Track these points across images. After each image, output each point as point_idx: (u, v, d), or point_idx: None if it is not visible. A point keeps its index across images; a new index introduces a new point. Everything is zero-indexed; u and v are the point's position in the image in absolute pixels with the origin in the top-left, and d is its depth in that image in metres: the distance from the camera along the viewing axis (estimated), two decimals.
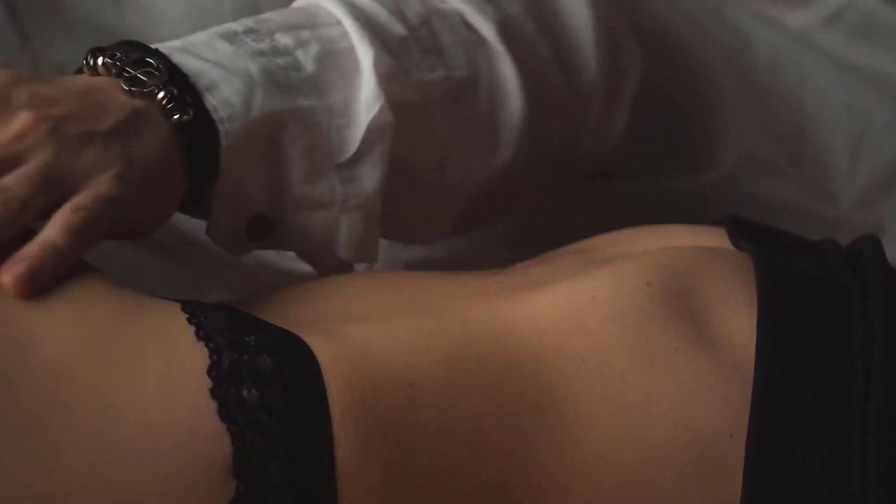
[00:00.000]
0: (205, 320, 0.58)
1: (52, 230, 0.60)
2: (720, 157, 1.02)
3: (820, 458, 0.59)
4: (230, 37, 0.71)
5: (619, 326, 0.62)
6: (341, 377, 0.57)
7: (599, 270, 0.65)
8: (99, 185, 0.62)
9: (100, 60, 0.67)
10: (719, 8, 1.01)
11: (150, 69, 0.67)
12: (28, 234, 0.60)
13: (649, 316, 0.62)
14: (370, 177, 0.73)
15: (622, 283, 0.63)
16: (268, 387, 0.56)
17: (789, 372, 0.61)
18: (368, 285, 0.66)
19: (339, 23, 0.74)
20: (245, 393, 0.56)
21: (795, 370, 0.61)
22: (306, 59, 0.72)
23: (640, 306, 0.62)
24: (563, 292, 0.64)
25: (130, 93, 0.66)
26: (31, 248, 0.59)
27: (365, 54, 0.73)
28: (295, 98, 0.71)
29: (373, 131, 0.72)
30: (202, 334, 0.57)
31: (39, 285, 0.57)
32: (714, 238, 0.71)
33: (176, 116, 0.66)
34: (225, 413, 0.55)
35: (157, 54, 0.68)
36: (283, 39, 0.72)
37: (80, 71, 0.69)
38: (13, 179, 0.60)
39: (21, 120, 0.62)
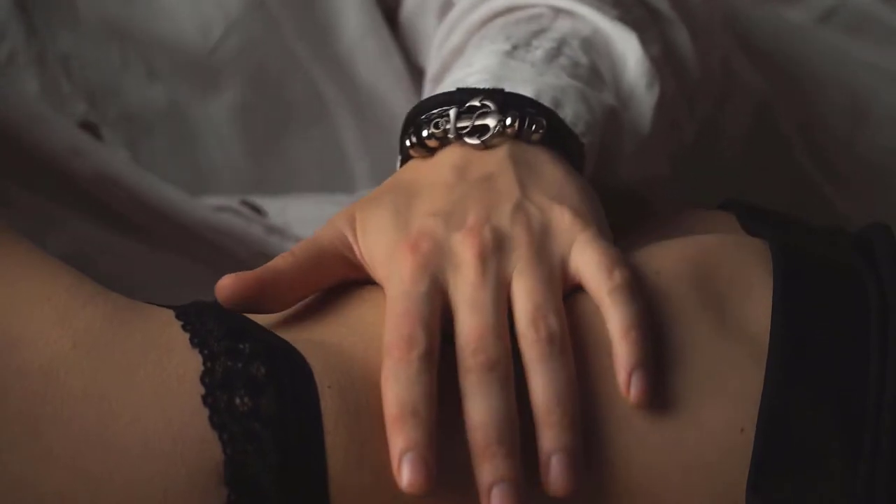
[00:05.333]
0: (199, 327, 0.58)
1: (625, 309, 0.59)
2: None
3: (832, 440, 0.58)
4: (510, 54, 0.69)
5: None
6: (334, 386, 0.57)
7: None
8: (581, 229, 0.61)
9: (424, 133, 0.65)
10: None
11: (481, 111, 0.65)
12: None
13: (657, 309, 0.61)
14: (659, 157, 0.74)
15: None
16: (261, 395, 0.56)
17: (804, 354, 0.60)
18: (368, 288, 0.65)
19: (556, 16, 0.73)
20: (238, 401, 0.55)
21: (810, 352, 0.60)
22: (576, 54, 0.71)
23: (647, 297, 0.61)
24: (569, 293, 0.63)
25: (485, 146, 0.64)
26: (635, 351, 0.58)
27: (627, 34, 0.72)
28: (601, 91, 0.70)
29: (658, 110, 0.72)
30: (196, 341, 0.57)
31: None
32: (725, 223, 0.71)
33: (535, 135, 0.65)
34: (217, 420, 0.55)
35: (477, 92, 0.66)
36: (545, 44, 0.71)
37: (406, 152, 0.67)
38: (529, 306, 0.59)
39: (468, 252, 0.60)
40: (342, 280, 0.64)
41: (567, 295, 0.61)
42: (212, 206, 0.84)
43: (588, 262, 0.60)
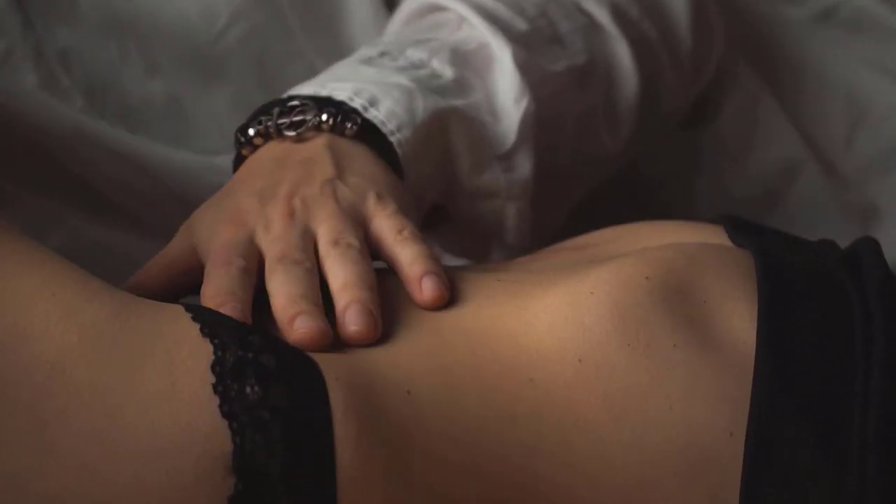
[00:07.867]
0: (209, 319, 0.58)
1: (412, 248, 0.64)
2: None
3: (819, 453, 0.59)
4: (368, 61, 0.76)
5: (617, 321, 0.62)
6: (342, 380, 0.58)
7: (598, 268, 0.65)
8: (382, 208, 0.67)
9: (251, 132, 0.71)
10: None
11: (299, 108, 0.71)
12: None
13: (647, 310, 0.62)
14: (525, 165, 0.78)
15: (621, 277, 0.63)
16: (271, 384, 0.56)
17: (789, 368, 0.61)
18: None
19: (461, 24, 0.79)
20: (248, 389, 0.56)
21: (795, 367, 0.61)
22: (443, 67, 0.77)
23: (638, 301, 0.62)
24: (562, 293, 0.63)
25: (299, 138, 0.70)
26: (422, 266, 0.63)
27: (502, 50, 0.78)
28: (448, 100, 0.75)
29: (525, 122, 0.77)
30: (207, 331, 0.57)
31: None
32: (714, 235, 0.72)
33: (349, 130, 0.70)
34: (227, 409, 0.55)
35: (307, 98, 0.71)
36: (417, 54, 0.77)
37: (238, 158, 0.72)
38: (330, 234, 0.64)
39: (277, 213, 0.65)
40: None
41: None
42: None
43: (382, 227, 0.65)
